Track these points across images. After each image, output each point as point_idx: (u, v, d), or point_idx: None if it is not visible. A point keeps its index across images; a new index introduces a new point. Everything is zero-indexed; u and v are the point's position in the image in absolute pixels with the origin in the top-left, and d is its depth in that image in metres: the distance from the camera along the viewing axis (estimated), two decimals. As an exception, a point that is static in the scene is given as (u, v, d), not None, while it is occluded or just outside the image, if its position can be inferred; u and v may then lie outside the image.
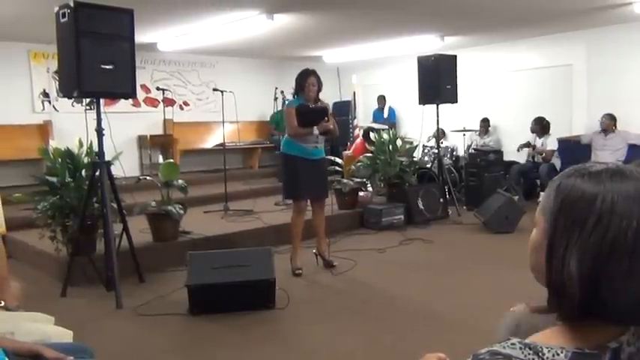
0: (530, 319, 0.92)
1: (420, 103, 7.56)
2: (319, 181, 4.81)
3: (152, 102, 9.29)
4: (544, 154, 7.77)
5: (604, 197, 0.78)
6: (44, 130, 8.12)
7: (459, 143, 8.99)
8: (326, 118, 4.66)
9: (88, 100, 4.32)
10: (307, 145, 4.65)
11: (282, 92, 9.50)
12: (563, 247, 0.79)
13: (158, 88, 8.87)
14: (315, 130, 4.60)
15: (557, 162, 7.77)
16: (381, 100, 10.52)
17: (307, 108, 4.66)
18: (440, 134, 8.19)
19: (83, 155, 4.71)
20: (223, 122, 7.04)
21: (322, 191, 4.91)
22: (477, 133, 8.94)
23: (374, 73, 10.81)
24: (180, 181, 5.20)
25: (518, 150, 8.10)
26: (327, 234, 5.07)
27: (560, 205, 0.81)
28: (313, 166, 4.69)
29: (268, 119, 10.31)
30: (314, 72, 4.72)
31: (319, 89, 4.73)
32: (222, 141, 7.48)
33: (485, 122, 8.95)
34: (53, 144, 6.80)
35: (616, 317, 0.79)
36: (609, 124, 7.39)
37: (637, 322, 0.80)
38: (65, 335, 2.19)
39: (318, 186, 4.80)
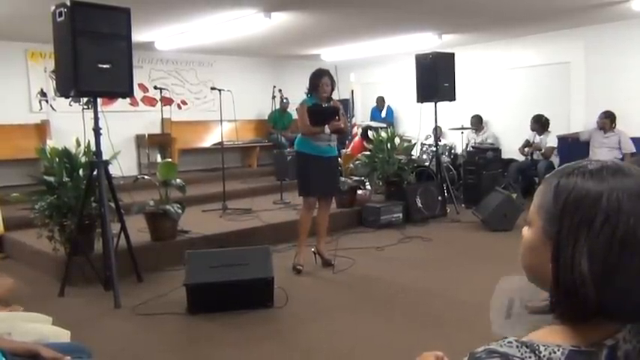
0: (521, 310, 0.91)
1: (418, 101, 7.56)
2: (330, 179, 4.92)
3: (150, 101, 9.27)
4: (543, 150, 7.77)
5: (609, 195, 0.77)
6: (42, 129, 8.10)
7: (457, 141, 8.99)
8: (337, 117, 4.76)
9: (85, 99, 4.30)
10: (320, 144, 4.74)
11: (280, 91, 9.49)
12: (571, 247, 0.78)
13: (156, 87, 8.88)
14: (327, 129, 4.70)
15: (555, 160, 7.77)
16: (380, 101, 10.54)
17: (319, 107, 4.75)
18: (438, 132, 8.20)
19: (81, 155, 4.71)
20: (221, 121, 7.04)
21: (332, 188, 5.05)
22: (473, 131, 8.93)
23: (372, 72, 10.81)
24: (178, 180, 5.20)
25: (524, 154, 8.04)
26: (328, 232, 5.09)
27: (563, 206, 0.80)
28: (326, 163, 4.79)
29: (266, 118, 10.31)
30: (327, 72, 4.83)
31: (332, 89, 4.85)
32: (220, 140, 7.47)
33: (475, 118, 8.92)
34: (51, 143, 6.78)
35: (626, 315, 0.79)
36: (605, 122, 7.37)
37: None
38: (63, 335, 2.19)
39: (328, 183, 4.90)
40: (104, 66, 3.96)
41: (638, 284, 0.76)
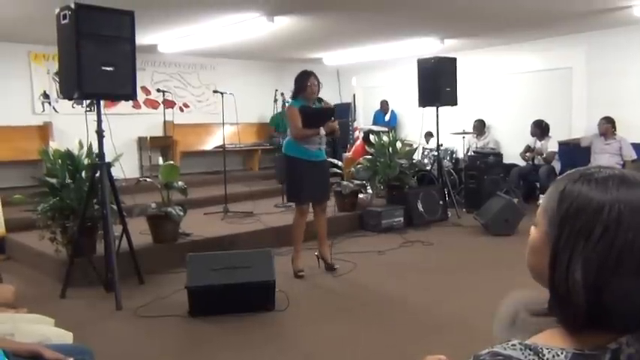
0: (526, 317, 0.92)
1: (419, 106, 7.56)
2: (321, 184, 4.78)
3: (152, 104, 9.29)
4: (545, 155, 7.76)
5: (611, 207, 0.77)
6: (44, 131, 8.11)
7: (459, 146, 8.99)
8: (332, 118, 4.63)
9: (88, 101, 4.32)
10: (310, 147, 4.62)
11: (282, 94, 9.52)
12: (567, 256, 0.79)
13: (158, 90, 8.88)
14: (322, 131, 4.56)
15: (556, 165, 7.77)
16: (384, 104, 10.56)
17: (312, 109, 4.63)
18: (429, 136, 8.28)
19: (83, 157, 4.72)
20: (223, 124, 7.05)
21: (324, 194, 4.88)
22: (474, 135, 8.93)
23: (374, 76, 10.82)
24: (180, 183, 5.21)
25: (525, 160, 8.05)
26: (328, 236, 5.06)
27: (565, 213, 0.81)
28: (316, 168, 4.66)
29: (268, 121, 10.33)
30: (313, 73, 4.72)
31: (319, 89, 4.72)
32: (222, 143, 7.48)
33: (478, 123, 8.93)
34: (53, 145, 6.78)
35: (619, 326, 0.79)
36: (607, 127, 7.37)
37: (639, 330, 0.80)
38: (65, 336, 2.20)
39: (320, 189, 4.77)
40: (107, 68, 3.98)
41: (632, 297, 0.77)
